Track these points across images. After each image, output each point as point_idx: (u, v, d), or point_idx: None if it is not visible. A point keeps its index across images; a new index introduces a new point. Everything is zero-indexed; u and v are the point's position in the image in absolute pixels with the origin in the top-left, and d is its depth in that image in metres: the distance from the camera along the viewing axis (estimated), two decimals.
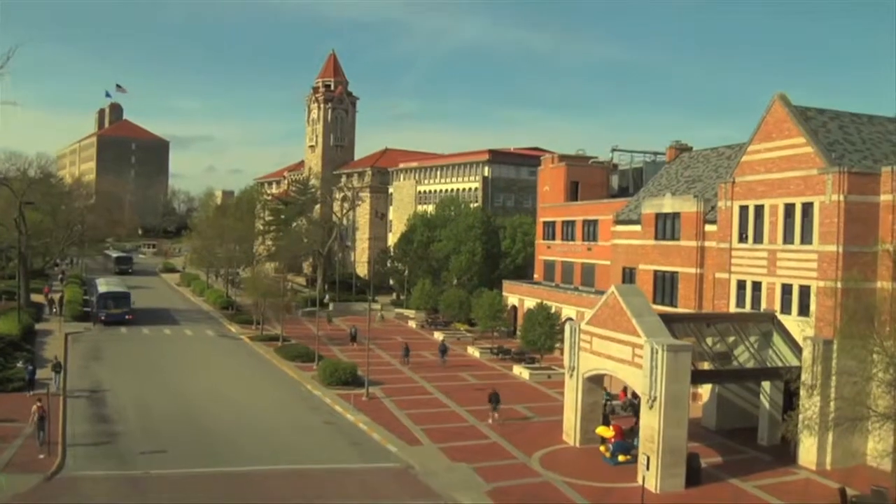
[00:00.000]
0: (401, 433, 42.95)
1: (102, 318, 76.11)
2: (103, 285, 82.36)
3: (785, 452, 39.92)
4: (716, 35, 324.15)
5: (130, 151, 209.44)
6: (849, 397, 32.22)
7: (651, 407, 35.09)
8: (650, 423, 35.09)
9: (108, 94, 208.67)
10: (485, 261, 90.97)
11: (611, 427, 40.28)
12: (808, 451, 38.40)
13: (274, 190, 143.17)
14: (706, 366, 40.00)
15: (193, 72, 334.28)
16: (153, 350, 65.94)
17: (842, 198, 38.25)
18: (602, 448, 39.85)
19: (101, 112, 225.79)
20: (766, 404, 42.32)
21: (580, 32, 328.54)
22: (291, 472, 36.03)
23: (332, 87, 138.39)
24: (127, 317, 76.84)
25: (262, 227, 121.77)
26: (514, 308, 78.68)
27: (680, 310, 49.26)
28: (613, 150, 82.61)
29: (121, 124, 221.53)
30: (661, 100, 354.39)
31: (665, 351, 34.60)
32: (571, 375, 42.43)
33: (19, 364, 50.65)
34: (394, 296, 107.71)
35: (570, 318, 63.12)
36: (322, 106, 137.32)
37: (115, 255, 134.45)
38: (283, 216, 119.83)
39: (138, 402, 48.15)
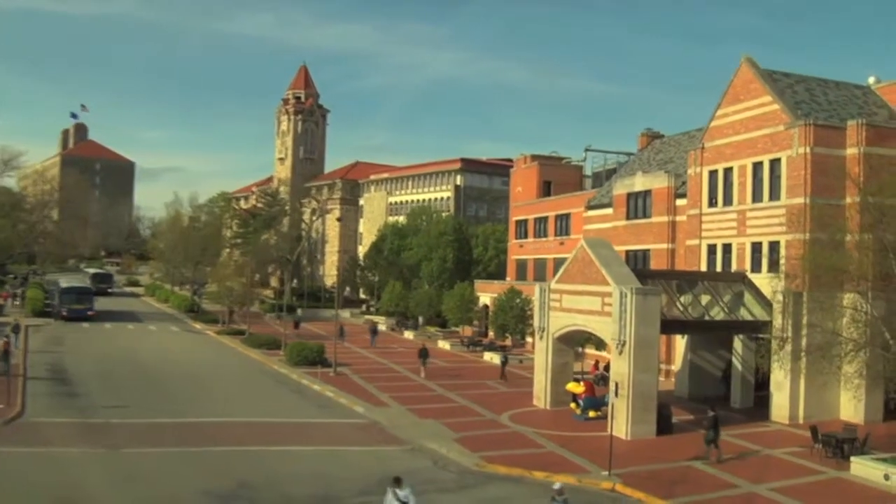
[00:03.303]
0: (368, 398, 43.15)
1: (64, 313, 75.67)
2: (65, 282, 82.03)
3: (758, 413, 40.38)
4: (696, 75, 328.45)
5: (95, 172, 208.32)
6: (822, 329, 32.70)
7: (620, 352, 35.50)
8: (620, 368, 35.45)
9: (73, 115, 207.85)
10: (456, 267, 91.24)
11: (581, 383, 40.63)
12: (780, 406, 38.86)
13: (243, 205, 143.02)
14: None
15: (160, 103, 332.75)
16: (116, 340, 65.80)
17: (808, 150, 39.17)
18: (573, 405, 40.15)
19: (66, 133, 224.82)
20: (739, 366, 42.83)
21: (557, 66, 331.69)
22: (254, 422, 36.18)
23: (303, 99, 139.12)
24: (89, 313, 76.54)
25: (229, 237, 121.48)
26: (486, 308, 78.98)
27: None
28: (587, 150, 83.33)
29: (85, 144, 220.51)
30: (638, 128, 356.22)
31: (634, 294, 35.11)
32: (541, 337, 42.81)
33: None
34: (363, 307, 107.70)
35: None
36: (292, 118, 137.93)
37: (91, 271, 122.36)
38: (251, 228, 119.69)
39: (100, 371, 48.37)
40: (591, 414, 38.69)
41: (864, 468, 29.17)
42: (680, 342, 47.17)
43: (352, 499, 24.90)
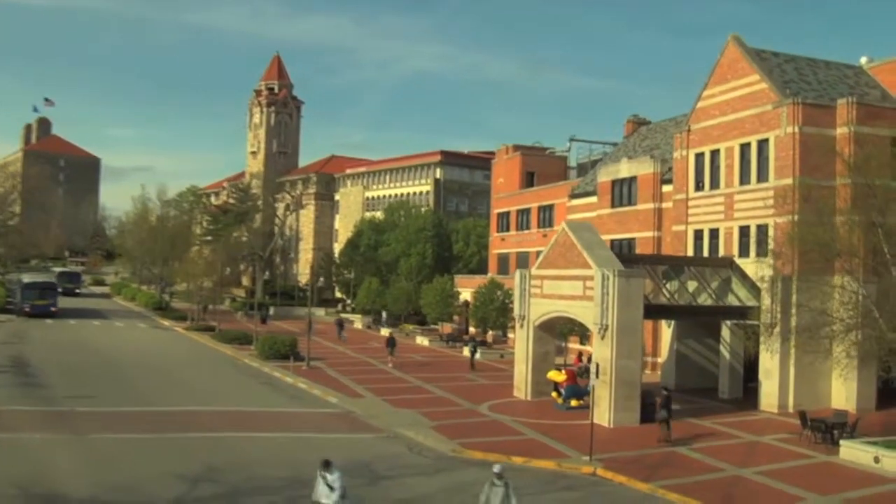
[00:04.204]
0: (342, 389, 43.20)
1: (27, 309, 75.44)
2: (28, 277, 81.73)
3: (747, 403, 40.60)
4: (686, 68, 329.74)
5: (59, 168, 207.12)
6: (810, 308, 32.89)
7: (602, 337, 35.59)
8: (602, 354, 35.51)
9: (35, 109, 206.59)
10: (436, 264, 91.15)
11: (563, 371, 40.73)
12: (769, 395, 39.05)
13: (214, 201, 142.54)
14: None
15: (128, 99, 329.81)
16: (82, 335, 65.73)
17: (797, 129, 39.45)
18: (554, 394, 40.24)
19: (28, 128, 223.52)
20: (727, 355, 43.03)
21: (541, 59, 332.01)
22: (223, 411, 36.18)
23: (276, 91, 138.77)
24: (52, 309, 76.31)
25: (199, 233, 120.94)
26: (467, 304, 78.97)
27: None
28: (571, 140, 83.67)
29: (49, 140, 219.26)
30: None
31: (616, 276, 35.21)
32: (522, 325, 42.89)
33: None
34: (339, 306, 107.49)
35: None
36: (265, 110, 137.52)
37: (58, 270, 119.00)
38: (221, 224, 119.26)
39: (65, 363, 48.42)
40: (573, 403, 38.76)
41: (853, 452, 29.37)
42: (666, 333, 47.35)
43: None
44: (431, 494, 24.40)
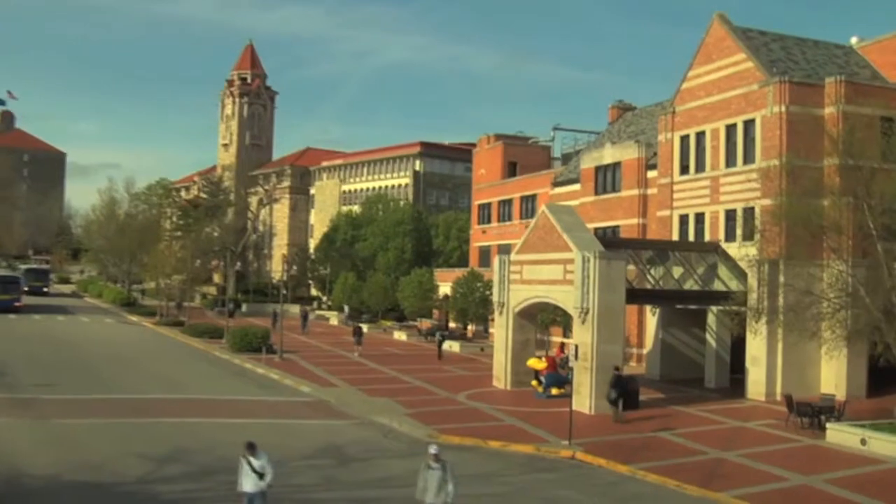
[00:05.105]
0: (316, 380, 43.38)
1: None
2: None
3: (734, 392, 40.89)
4: (676, 59, 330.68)
5: (22, 163, 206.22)
6: (796, 287, 33.28)
7: (583, 321, 35.80)
8: (583, 338, 35.67)
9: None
10: (415, 258, 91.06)
11: (543, 359, 40.97)
12: (756, 382, 39.35)
13: (184, 195, 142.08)
14: None
15: (94, 92, 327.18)
16: (46, 329, 65.67)
17: (783, 109, 39.83)
18: (534, 383, 40.47)
19: None
20: (713, 344, 43.34)
21: (524, 50, 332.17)
22: (193, 399, 36.49)
23: (249, 80, 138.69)
24: (16, 304, 76.10)
25: (169, 228, 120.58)
26: (447, 298, 79.09)
27: None
28: (555, 129, 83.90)
29: (12, 134, 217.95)
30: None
31: (597, 259, 35.45)
32: (501, 312, 43.12)
33: None
34: (314, 304, 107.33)
35: None
36: (237, 100, 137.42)
37: (24, 267, 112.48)
38: (192, 218, 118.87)
39: (28, 354, 48.67)
40: (554, 391, 38.99)
41: (840, 435, 29.73)
42: (651, 323, 47.62)
43: (293, 462, 24.93)
44: (403, 475, 24.37)
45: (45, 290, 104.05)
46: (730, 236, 43.01)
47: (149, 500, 21.19)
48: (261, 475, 17.19)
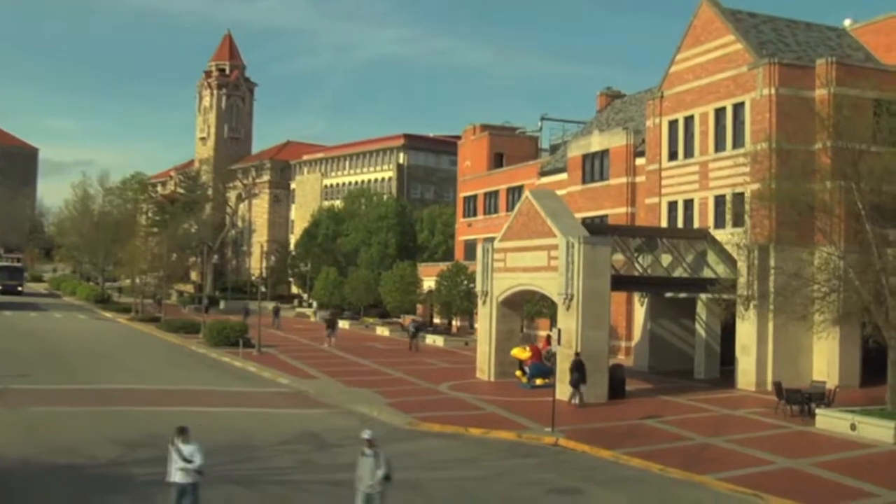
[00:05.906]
0: (294, 372, 43.77)
1: None
2: None
3: (724, 383, 41.16)
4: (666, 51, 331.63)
5: None
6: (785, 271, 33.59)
7: (568, 308, 36.06)
8: (567, 325, 35.89)
9: None
10: (399, 254, 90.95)
11: (527, 348, 41.21)
12: (746, 372, 39.55)
13: (161, 191, 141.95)
14: None
15: (67, 87, 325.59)
16: (18, 325, 66.05)
17: (773, 91, 40.17)
18: (518, 373, 40.72)
19: None
20: (703, 334, 43.62)
21: (512, 43, 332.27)
22: (169, 389, 36.84)
23: (228, 72, 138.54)
24: (19, 288, 76.53)
25: (144, 224, 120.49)
26: (431, 293, 79.24)
27: None
28: (543, 118, 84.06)
29: None
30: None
31: (581, 244, 35.69)
32: (485, 302, 43.36)
33: None
34: (295, 302, 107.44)
35: None
36: (215, 92, 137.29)
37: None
38: (168, 214, 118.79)
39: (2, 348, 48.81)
40: (538, 382, 39.25)
41: (830, 420, 30.05)
42: (639, 314, 47.91)
43: (270, 448, 25.25)
44: None
45: (20, 288, 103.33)
46: (719, 223, 43.32)
47: (122, 480, 21.65)
48: (189, 462, 16.43)
